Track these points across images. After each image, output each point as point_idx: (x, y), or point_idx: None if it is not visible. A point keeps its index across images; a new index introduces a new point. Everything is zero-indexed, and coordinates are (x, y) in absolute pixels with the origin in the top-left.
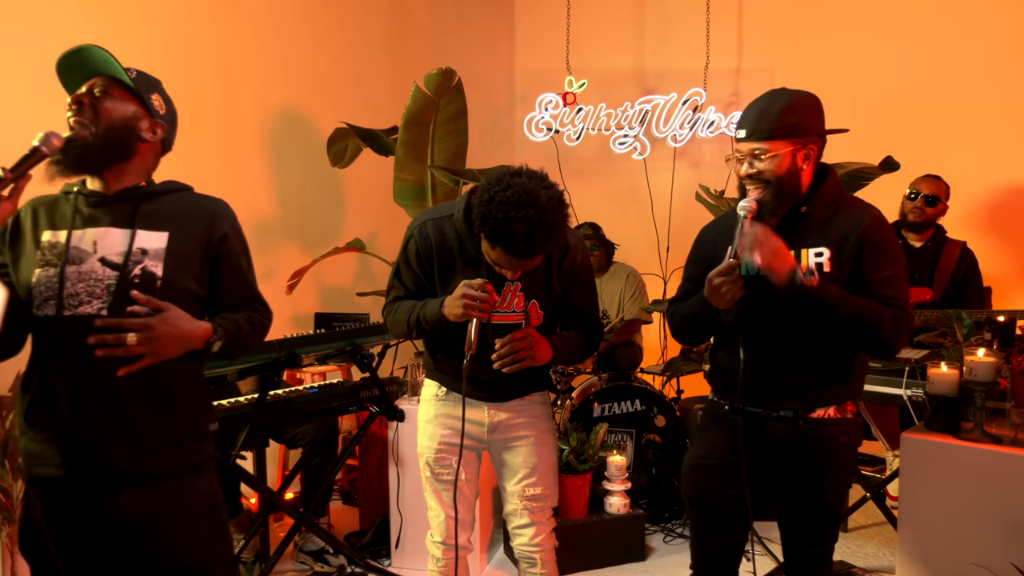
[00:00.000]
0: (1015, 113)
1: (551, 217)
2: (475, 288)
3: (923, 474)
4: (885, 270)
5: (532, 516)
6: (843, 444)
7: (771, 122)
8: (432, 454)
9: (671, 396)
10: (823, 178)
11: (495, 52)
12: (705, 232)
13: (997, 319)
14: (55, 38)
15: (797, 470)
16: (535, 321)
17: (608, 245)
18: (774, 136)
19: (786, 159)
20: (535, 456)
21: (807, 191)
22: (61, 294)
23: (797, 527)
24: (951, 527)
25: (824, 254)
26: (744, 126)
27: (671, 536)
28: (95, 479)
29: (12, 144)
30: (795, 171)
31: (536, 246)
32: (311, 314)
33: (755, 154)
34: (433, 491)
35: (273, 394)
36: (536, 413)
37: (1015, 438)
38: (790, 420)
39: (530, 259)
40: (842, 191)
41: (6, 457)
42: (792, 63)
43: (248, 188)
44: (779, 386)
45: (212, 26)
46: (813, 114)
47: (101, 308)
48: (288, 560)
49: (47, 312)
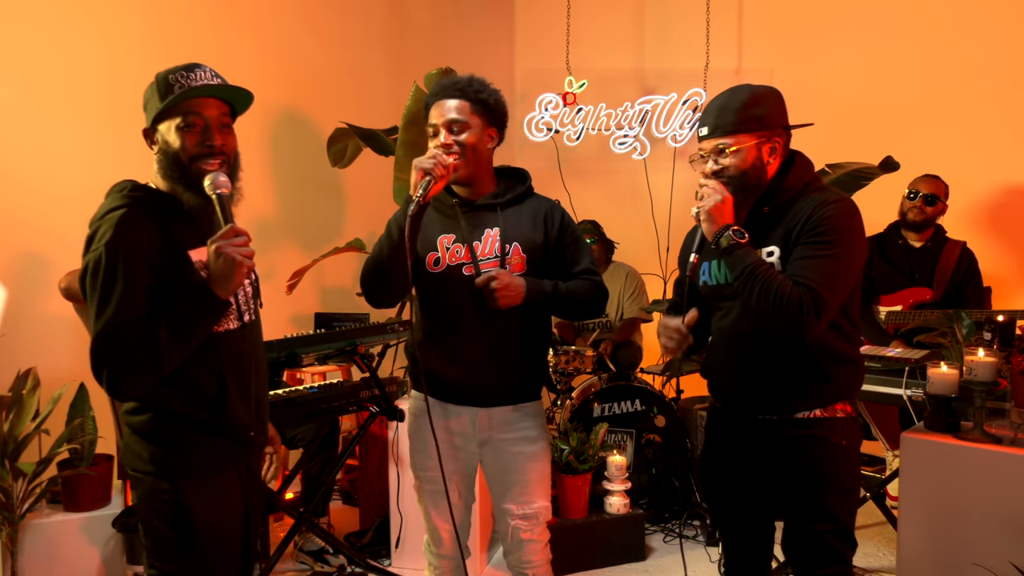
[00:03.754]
0: (1015, 113)
1: (485, 80)
2: (424, 156)
3: (923, 474)
4: (809, 250)
5: (524, 535)
6: (835, 444)
7: (733, 115)
8: (424, 471)
9: (671, 396)
10: (786, 174)
11: (495, 52)
12: (688, 236)
13: (997, 319)
14: (56, 37)
15: (791, 473)
16: (518, 266)
17: (607, 243)
18: (738, 129)
19: (751, 152)
20: (528, 473)
21: (770, 188)
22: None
23: (798, 541)
24: (951, 527)
25: (775, 253)
26: (706, 123)
27: (671, 536)
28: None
29: (12, 143)
30: (760, 165)
31: (464, 80)
32: (311, 314)
33: (719, 150)
34: (427, 504)
35: (273, 394)
36: (529, 425)
37: (1015, 438)
38: (775, 423)
39: (459, 95)
40: (809, 182)
41: (6, 457)
42: (792, 63)
43: (248, 188)
44: (759, 389)
45: (212, 26)
46: (775, 106)
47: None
48: (288, 560)
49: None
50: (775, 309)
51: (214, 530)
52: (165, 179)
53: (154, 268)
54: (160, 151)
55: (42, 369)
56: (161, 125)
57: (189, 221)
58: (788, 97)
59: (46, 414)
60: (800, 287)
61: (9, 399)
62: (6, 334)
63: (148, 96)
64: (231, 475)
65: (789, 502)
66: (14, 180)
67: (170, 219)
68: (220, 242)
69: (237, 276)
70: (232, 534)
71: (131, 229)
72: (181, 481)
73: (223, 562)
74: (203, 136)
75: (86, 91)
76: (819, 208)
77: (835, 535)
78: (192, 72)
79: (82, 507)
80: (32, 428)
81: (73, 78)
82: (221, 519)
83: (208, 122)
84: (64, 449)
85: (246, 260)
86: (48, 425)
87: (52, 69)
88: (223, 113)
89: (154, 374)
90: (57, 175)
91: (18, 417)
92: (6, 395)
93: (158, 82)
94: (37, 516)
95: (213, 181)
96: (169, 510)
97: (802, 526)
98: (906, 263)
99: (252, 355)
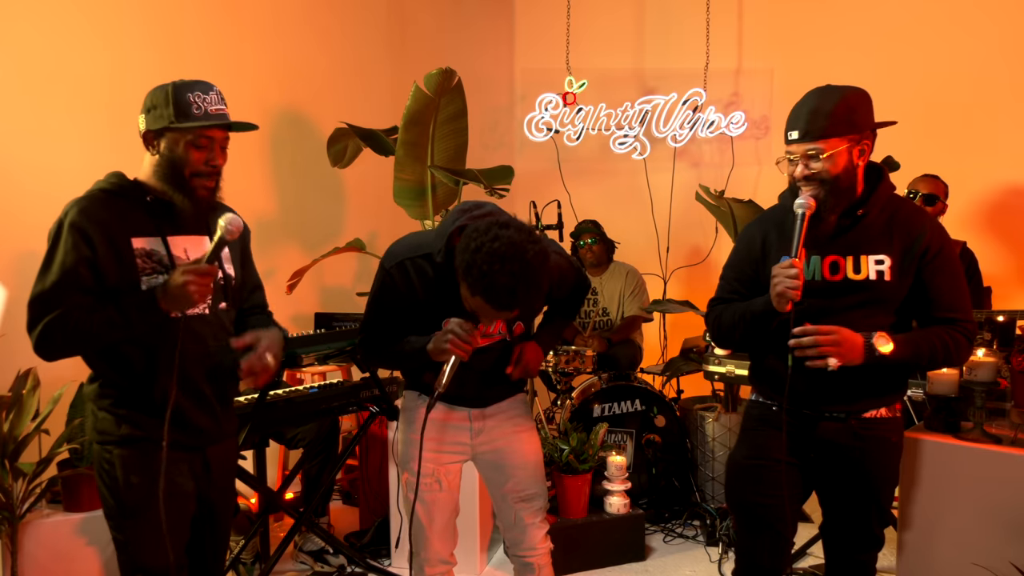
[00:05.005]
0: (1015, 113)
1: (535, 275)
2: (464, 329)
3: (923, 474)
4: (949, 287)
5: (527, 517)
6: (894, 443)
7: (825, 119)
8: (413, 472)
9: (671, 396)
10: (877, 178)
11: (495, 52)
12: (751, 230)
13: (997, 319)
14: (55, 37)
15: (851, 471)
16: (519, 329)
17: (608, 242)
18: (829, 134)
19: (842, 157)
20: (522, 456)
21: (863, 192)
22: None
23: (846, 532)
24: (951, 527)
25: (885, 262)
26: (796, 127)
27: (671, 536)
28: None
29: (12, 143)
30: (851, 168)
31: (518, 301)
32: (311, 314)
33: (810, 154)
34: (416, 506)
35: (273, 394)
36: (517, 413)
37: (1015, 438)
38: (842, 420)
39: (509, 312)
40: (895, 192)
41: (6, 457)
42: (792, 63)
43: (248, 188)
44: (832, 388)
45: (212, 26)
46: (865, 108)
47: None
48: (288, 560)
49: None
50: (959, 362)
51: (149, 500)
52: (161, 180)
53: (94, 247)
54: (163, 157)
55: (42, 369)
56: (169, 134)
57: (150, 211)
58: (788, 97)
59: (46, 414)
60: (956, 327)
61: (9, 399)
62: (6, 334)
63: (157, 102)
64: (176, 456)
65: (843, 499)
66: (14, 180)
67: (131, 208)
68: (191, 276)
69: (186, 305)
70: (171, 509)
71: (86, 212)
72: (119, 451)
73: (157, 532)
74: (208, 156)
75: (86, 91)
76: (939, 235)
77: (881, 523)
78: (207, 94)
79: (82, 507)
80: (32, 428)
81: (72, 78)
82: (156, 491)
83: (214, 144)
84: (64, 449)
85: (201, 299)
86: (48, 425)
87: (51, 69)
88: (226, 136)
89: (81, 349)
90: (57, 175)
91: (18, 417)
92: (6, 395)
93: (175, 95)
94: (37, 516)
95: (228, 225)
96: (108, 476)
97: (856, 521)
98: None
99: (202, 350)
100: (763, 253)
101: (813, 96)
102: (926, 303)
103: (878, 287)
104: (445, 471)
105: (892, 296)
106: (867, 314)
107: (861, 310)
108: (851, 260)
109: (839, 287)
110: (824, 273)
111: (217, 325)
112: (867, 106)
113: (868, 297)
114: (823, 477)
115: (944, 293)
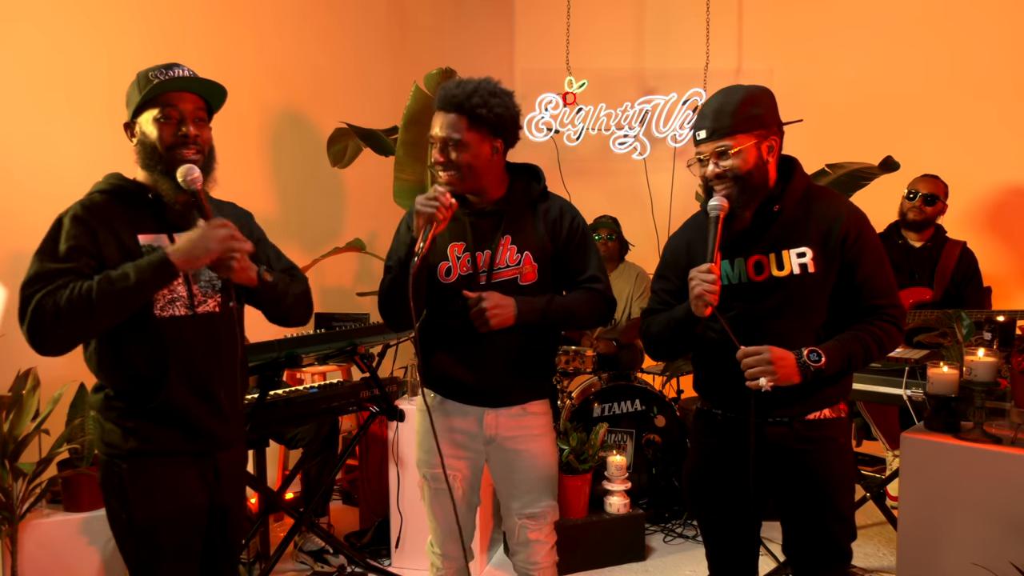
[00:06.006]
0: (1015, 113)
1: (494, 86)
2: (426, 195)
3: (923, 474)
4: (872, 271)
5: (531, 534)
6: (842, 444)
7: (731, 116)
8: (429, 468)
9: (671, 396)
10: (790, 173)
11: (495, 52)
12: (675, 238)
13: (997, 319)
14: (55, 36)
15: (800, 476)
16: (529, 275)
17: (624, 241)
18: (736, 130)
19: (751, 152)
20: (535, 472)
21: (775, 186)
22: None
23: (806, 545)
24: (951, 527)
25: (807, 254)
26: (703, 126)
27: (671, 536)
28: None
29: (11, 143)
30: (761, 164)
31: (466, 91)
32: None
33: (719, 151)
34: (431, 504)
35: (273, 394)
36: (536, 424)
37: (1015, 438)
38: (787, 424)
39: (456, 109)
40: (810, 183)
41: (6, 457)
42: (792, 63)
43: (248, 188)
44: (774, 393)
45: (212, 26)
46: (770, 105)
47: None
48: (288, 560)
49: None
50: (892, 351)
51: (158, 518)
52: (144, 169)
53: (97, 241)
54: (139, 142)
55: (42, 369)
56: (140, 117)
57: (152, 208)
58: (788, 97)
59: (46, 414)
60: (882, 315)
61: (9, 399)
62: (6, 334)
63: (129, 93)
64: (186, 469)
65: (797, 505)
66: (14, 180)
67: (133, 206)
68: (206, 227)
69: (202, 253)
70: (183, 529)
71: (89, 209)
72: (127, 463)
73: (169, 551)
74: (178, 127)
75: (85, 90)
76: (856, 216)
77: (843, 533)
78: (171, 70)
79: (82, 507)
80: (32, 428)
81: (72, 77)
82: (167, 509)
83: (183, 114)
84: (64, 449)
85: (219, 245)
86: (48, 425)
87: (51, 68)
88: (198, 107)
89: (79, 327)
90: (57, 175)
91: (18, 417)
92: (6, 395)
93: (138, 79)
94: (37, 516)
95: (186, 176)
96: (117, 490)
97: (814, 527)
98: (906, 263)
99: (212, 351)
100: (688, 260)
101: (718, 96)
102: (854, 291)
103: (804, 281)
104: (453, 476)
105: (819, 288)
106: (797, 313)
107: (790, 309)
108: (773, 257)
109: (765, 287)
110: (749, 273)
111: (227, 323)
112: (771, 103)
113: (795, 293)
114: (774, 484)
115: (870, 278)
